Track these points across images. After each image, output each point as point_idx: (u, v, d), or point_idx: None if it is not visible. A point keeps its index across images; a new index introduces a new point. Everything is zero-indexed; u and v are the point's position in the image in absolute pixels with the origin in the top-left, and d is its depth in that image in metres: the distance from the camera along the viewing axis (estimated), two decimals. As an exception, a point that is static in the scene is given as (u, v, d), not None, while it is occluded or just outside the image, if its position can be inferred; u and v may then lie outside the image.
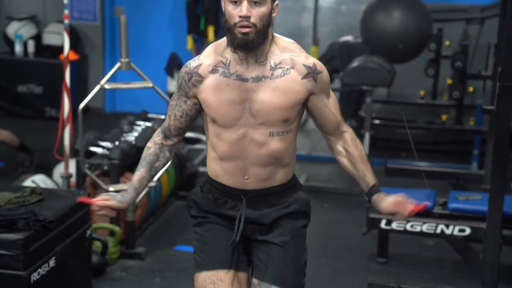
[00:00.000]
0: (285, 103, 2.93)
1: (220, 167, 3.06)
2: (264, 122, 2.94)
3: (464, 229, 5.19)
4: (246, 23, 2.81)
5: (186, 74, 2.99)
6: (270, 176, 3.04)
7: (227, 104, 2.93)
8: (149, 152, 3.15)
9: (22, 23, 9.40)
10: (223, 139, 3.00)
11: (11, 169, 7.17)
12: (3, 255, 3.72)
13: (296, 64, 2.94)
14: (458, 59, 7.70)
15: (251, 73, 2.92)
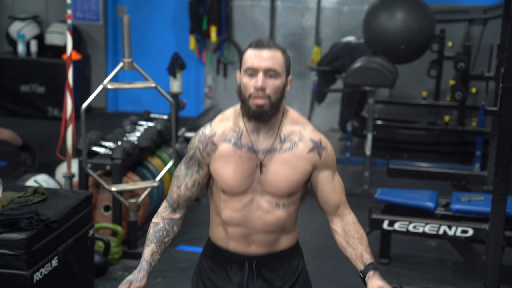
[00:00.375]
0: (292, 178, 2.95)
1: (224, 233, 3.05)
2: (271, 193, 2.96)
3: (467, 230, 5.19)
4: (261, 94, 2.83)
5: (201, 143, 2.98)
6: (274, 242, 3.05)
7: (238, 176, 2.94)
8: (158, 228, 3.09)
9: (24, 23, 9.41)
10: (230, 206, 3.00)
11: (13, 169, 7.18)
12: (6, 254, 3.71)
13: (303, 138, 2.96)
14: (460, 60, 7.70)
15: (262, 144, 2.94)
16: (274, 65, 2.83)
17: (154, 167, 6.15)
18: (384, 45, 7.50)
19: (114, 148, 5.73)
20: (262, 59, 2.83)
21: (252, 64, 2.83)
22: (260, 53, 2.83)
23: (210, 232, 3.12)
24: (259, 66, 2.82)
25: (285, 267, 3.09)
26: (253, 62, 2.83)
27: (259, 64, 2.82)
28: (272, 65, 2.83)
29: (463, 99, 7.79)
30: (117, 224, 5.63)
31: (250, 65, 2.83)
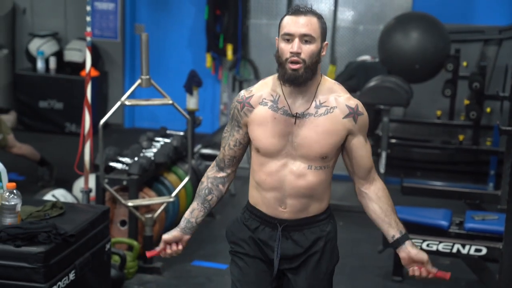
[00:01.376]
0: (325, 141, 3.03)
1: (260, 196, 3.16)
2: (304, 156, 3.04)
3: (481, 249, 5.18)
4: (296, 58, 2.93)
5: (239, 103, 3.12)
6: (306, 207, 3.13)
7: (272, 136, 3.05)
8: (202, 186, 3.26)
9: (44, 40, 9.47)
10: (264, 169, 3.10)
11: (31, 183, 7.19)
12: (24, 267, 3.73)
13: (339, 104, 3.04)
14: (475, 79, 7.69)
15: (297, 109, 3.03)
16: (309, 31, 2.94)
17: (170, 182, 6.16)
18: (399, 64, 7.50)
19: (131, 164, 5.74)
20: (298, 25, 2.93)
21: (289, 29, 2.94)
22: (296, 19, 2.94)
23: (249, 194, 3.22)
24: (295, 31, 2.93)
25: (314, 231, 3.17)
26: (289, 28, 2.94)
27: (295, 29, 2.93)
28: (308, 31, 2.93)
29: (477, 118, 7.78)
30: (133, 239, 5.64)
31: (287, 31, 2.95)
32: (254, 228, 3.19)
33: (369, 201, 3.19)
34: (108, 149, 5.97)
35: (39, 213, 4.06)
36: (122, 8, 9.53)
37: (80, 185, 5.89)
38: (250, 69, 9.35)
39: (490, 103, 8.24)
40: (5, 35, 9.69)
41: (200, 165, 6.88)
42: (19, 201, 3.95)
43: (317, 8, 8.88)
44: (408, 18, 7.84)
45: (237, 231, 3.25)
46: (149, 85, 5.56)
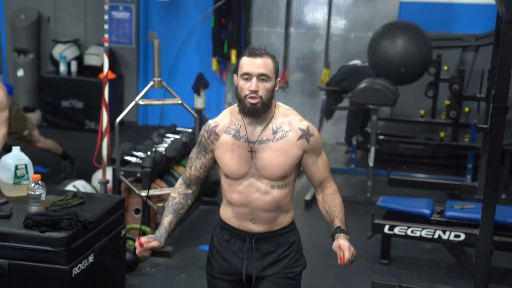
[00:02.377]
0: (283, 163, 3.11)
1: (231, 212, 3.23)
2: (266, 176, 3.13)
3: (459, 235, 5.18)
4: (254, 95, 3.01)
5: (206, 132, 3.21)
6: (273, 219, 3.20)
7: (237, 162, 3.13)
8: (175, 201, 3.36)
9: (66, 46, 9.48)
10: (233, 189, 3.18)
11: (54, 175, 7.20)
12: (48, 251, 3.73)
13: (293, 127, 3.13)
14: (455, 82, 7.70)
15: (257, 136, 3.11)
16: (265, 71, 3.02)
17: (179, 175, 6.17)
18: (387, 68, 7.50)
19: (144, 158, 5.75)
20: (255, 65, 3.02)
21: (247, 70, 3.02)
22: (253, 61, 3.02)
23: (220, 212, 3.31)
24: (252, 71, 3.02)
25: (280, 241, 3.23)
26: (248, 68, 3.02)
27: (252, 70, 3.02)
28: (264, 71, 3.02)
29: (457, 117, 7.78)
30: (146, 225, 5.65)
31: (245, 71, 3.03)
32: (225, 241, 3.26)
33: (319, 204, 3.28)
34: (124, 144, 5.98)
35: (62, 202, 4.07)
36: (136, 17, 9.53)
37: (98, 177, 5.89)
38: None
39: (468, 103, 8.23)
40: (31, 42, 9.69)
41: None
42: (44, 191, 3.95)
43: (313, 17, 8.97)
44: (394, 26, 7.83)
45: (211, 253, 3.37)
46: (161, 87, 5.57)
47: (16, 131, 6.76)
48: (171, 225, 3.31)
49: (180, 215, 3.35)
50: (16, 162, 4.21)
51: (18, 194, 4.19)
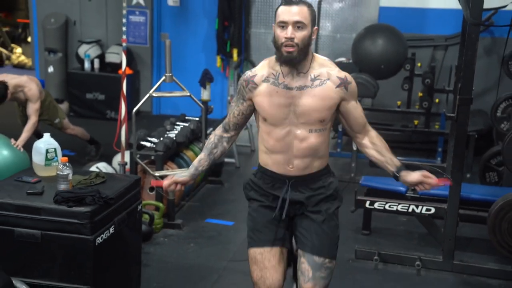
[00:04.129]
0: (322, 107, 2.94)
1: (269, 158, 3.07)
2: (305, 122, 2.95)
3: (430, 209, 5.19)
4: (290, 42, 2.83)
5: (244, 81, 3.04)
6: (309, 165, 3.04)
7: (276, 107, 2.95)
8: (210, 141, 3.22)
9: (90, 46, 9.46)
10: (272, 136, 3.01)
11: (80, 158, 7.22)
12: (75, 223, 3.75)
13: (331, 76, 2.96)
14: (427, 77, 7.70)
15: (296, 83, 2.93)
16: (301, 18, 2.83)
17: (188, 157, 6.18)
18: (368, 64, 7.49)
19: (157, 143, 5.76)
20: (291, 13, 2.83)
21: (283, 18, 2.84)
22: (289, 9, 2.84)
23: (259, 159, 3.14)
24: (288, 19, 2.83)
25: (318, 183, 3.09)
26: (284, 16, 2.84)
27: (288, 18, 2.83)
28: (299, 18, 2.83)
29: (428, 107, 7.79)
30: (159, 202, 5.66)
31: (281, 19, 2.84)
32: (267, 183, 3.11)
33: (367, 149, 3.12)
34: (140, 131, 5.99)
35: (86, 181, 4.08)
36: (150, 20, 9.50)
37: (118, 159, 5.91)
38: (251, 68, 9.31)
39: (438, 95, 8.23)
40: (59, 42, 9.67)
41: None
42: (71, 171, 3.96)
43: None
44: (375, 28, 7.82)
45: (252, 189, 3.18)
46: (172, 81, 5.57)
47: (49, 119, 6.79)
48: (201, 161, 3.20)
49: (214, 154, 3.20)
50: (47, 146, 4.23)
51: (48, 174, 4.21)
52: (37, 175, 4.22)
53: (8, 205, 3.79)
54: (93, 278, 3.80)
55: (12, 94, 6.23)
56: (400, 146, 8.25)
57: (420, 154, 8.06)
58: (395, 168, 3.09)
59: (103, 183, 4.12)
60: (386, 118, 8.52)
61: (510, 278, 4.92)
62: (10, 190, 3.96)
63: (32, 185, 4.03)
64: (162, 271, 4.86)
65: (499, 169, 6.46)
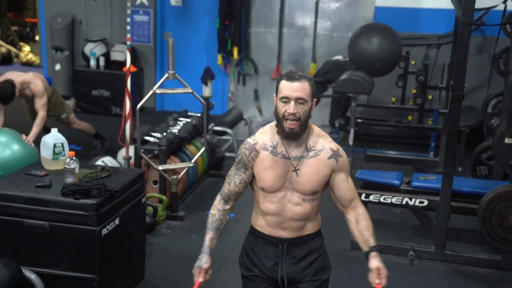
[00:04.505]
0: (314, 180, 2.91)
1: (264, 220, 3.01)
2: (299, 190, 2.92)
3: (423, 201, 5.21)
4: (293, 117, 2.80)
5: (247, 150, 2.95)
6: (302, 227, 3.00)
7: (274, 177, 2.91)
8: (215, 218, 3.09)
9: (95, 44, 9.46)
10: (267, 199, 2.96)
11: (86, 152, 7.22)
12: (82, 215, 3.77)
13: (324, 147, 2.92)
14: (420, 74, 7.71)
15: (292, 153, 2.90)
16: (303, 95, 2.80)
17: (190, 152, 6.19)
18: (364, 62, 7.50)
19: (161, 138, 5.77)
20: (293, 89, 2.80)
21: (286, 94, 2.80)
22: (291, 85, 2.80)
23: (252, 220, 3.08)
24: (291, 95, 2.80)
25: (309, 245, 3.03)
26: (286, 92, 2.80)
27: (291, 94, 2.80)
28: (301, 95, 2.80)
29: (422, 103, 7.79)
30: (162, 194, 5.68)
31: (284, 95, 2.80)
32: (260, 247, 3.05)
33: (351, 225, 3.02)
34: (143, 127, 6.00)
35: (92, 175, 4.11)
36: (154, 19, 9.50)
37: (123, 154, 5.92)
38: (251, 66, 9.32)
39: (431, 92, 8.23)
40: (66, 41, 9.67)
41: (213, 138, 6.90)
42: (77, 165, 3.99)
43: (302, 20, 8.94)
44: (370, 27, 7.82)
45: (246, 258, 3.11)
46: (174, 78, 5.59)
47: (55, 114, 6.81)
48: (212, 241, 3.06)
49: (220, 230, 3.09)
50: (54, 141, 4.25)
51: (56, 168, 4.23)
52: (45, 168, 4.24)
53: (17, 197, 3.82)
54: (99, 267, 3.84)
55: (19, 91, 6.25)
56: (394, 141, 8.27)
57: (413, 148, 8.07)
58: (367, 247, 2.99)
59: (109, 176, 4.15)
60: (381, 114, 8.53)
61: (499, 267, 4.94)
62: (19, 183, 3.98)
63: (41, 178, 4.06)
64: (166, 261, 4.88)
65: (490, 163, 6.48)
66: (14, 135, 5.84)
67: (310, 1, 8.94)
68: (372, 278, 2.93)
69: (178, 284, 4.54)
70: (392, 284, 4.63)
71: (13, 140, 5.74)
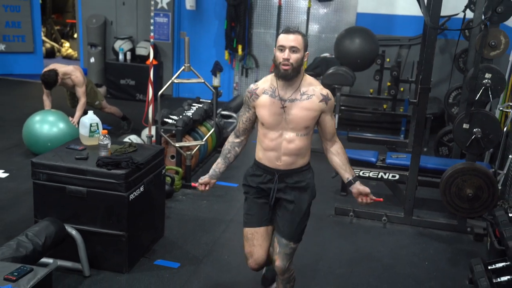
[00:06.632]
0: (307, 116, 2.98)
1: (263, 155, 3.11)
2: (293, 127, 3.00)
3: (395, 175, 5.24)
4: (286, 62, 2.88)
5: (249, 93, 3.08)
6: (294, 162, 3.08)
7: (272, 115, 3.00)
8: (225, 148, 3.25)
9: (123, 41, 9.42)
10: (267, 137, 3.05)
11: (116, 131, 7.23)
12: (113, 182, 3.79)
13: (316, 93, 2.99)
14: (394, 70, 7.70)
15: (288, 96, 2.97)
16: (296, 44, 2.88)
17: (202, 132, 6.21)
18: (347, 59, 7.48)
19: (177, 120, 5.78)
20: (288, 40, 2.89)
21: (282, 43, 2.89)
22: (287, 36, 2.89)
23: (256, 153, 3.17)
24: (286, 44, 2.88)
25: (299, 176, 3.12)
26: (282, 42, 2.89)
27: (286, 43, 2.88)
28: (295, 44, 2.88)
29: (395, 94, 7.80)
30: (178, 167, 5.70)
31: (280, 44, 2.90)
32: (259, 175, 3.15)
33: (332, 155, 3.14)
34: (163, 110, 6.01)
35: (121, 150, 4.12)
36: (172, 21, 9.45)
37: (146, 133, 5.94)
38: (252, 61, 9.30)
39: (403, 85, 8.24)
40: (99, 38, 9.63)
41: (221, 121, 6.91)
42: (109, 141, 4.00)
43: (296, 22, 8.88)
44: (353, 30, 7.79)
45: (248, 179, 3.21)
46: (189, 70, 5.58)
47: (90, 101, 6.80)
48: (218, 165, 3.25)
49: (228, 158, 3.24)
50: (91, 121, 4.26)
51: (92, 143, 4.25)
52: (83, 144, 4.25)
53: (61, 167, 3.85)
54: (127, 225, 3.87)
55: (61, 80, 6.27)
56: (371, 125, 8.29)
57: (387, 132, 8.08)
58: (351, 176, 3.12)
59: (135, 151, 4.17)
60: (361, 102, 8.53)
61: (456, 230, 4.99)
62: (62, 155, 4.01)
63: (79, 152, 4.08)
64: (181, 221, 4.91)
65: (450, 145, 6.50)
66: (60, 116, 5.98)
67: (303, 7, 8.89)
68: (360, 199, 3.09)
69: (191, 239, 4.57)
70: (368, 243, 4.70)
71: (59, 120, 5.90)
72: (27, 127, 6.06)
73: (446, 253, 4.59)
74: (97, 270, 3.93)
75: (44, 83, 6.19)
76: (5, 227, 4.51)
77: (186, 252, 4.34)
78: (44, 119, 6.01)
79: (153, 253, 4.27)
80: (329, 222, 5.08)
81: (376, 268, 4.29)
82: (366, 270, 4.26)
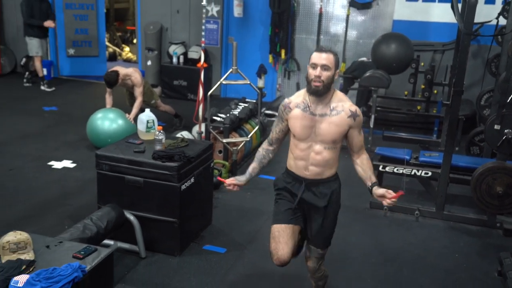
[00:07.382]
0: (335, 131, 2.95)
1: (293, 163, 3.08)
2: (322, 140, 2.97)
3: (428, 173, 5.16)
4: (318, 79, 2.84)
5: (283, 106, 3.04)
6: (321, 172, 3.04)
7: (302, 128, 2.97)
8: (259, 153, 3.23)
9: (177, 46, 9.53)
10: (298, 147, 3.03)
11: (169, 127, 7.32)
12: (166, 174, 3.85)
13: (345, 109, 2.95)
14: (428, 73, 7.55)
15: (319, 111, 2.94)
16: (327, 63, 2.84)
17: (247, 129, 6.24)
18: (383, 63, 7.39)
19: (225, 118, 5.83)
20: (321, 58, 2.85)
21: (315, 61, 2.86)
22: (320, 55, 2.86)
23: (287, 162, 3.15)
24: (318, 62, 2.85)
25: (325, 186, 3.08)
26: (315, 60, 2.86)
27: (318, 61, 2.85)
28: (326, 63, 2.84)
29: (429, 96, 7.64)
30: (225, 161, 5.75)
31: (313, 62, 2.86)
32: (288, 182, 3.12)
33: (356, 166, 3.06)
34: (212, 109, 6.06)
35: (174, 144, 4.18)
36: (221, 27, 9.52)
37: (196, 129, 6.01)
38: (294, 64, 9.27)
39: (436, 87, 8.08)
40: (156, 43, 9.76)
41: (264, 119, 6.93)
42: (164, 137, 4.07)
43: (335, 29, 8.81)
44: (389, 35, 7.68)
45: (279, 184, 3.19)
46: (236, 72, 5.62)
47: (147, 100, 6.92)
48: (254, 170, 3.22)
49: (263, 163, 3.21)
50: (147, 118, 4.34)
51: (148, 138, 4.33)
52: (140, 138, 4.34)
53: (121, 159, 3.94)
54: (179, 213, 3.93)
55: (122, 80, 6.43)
56: (405, 125, 8.16)
57: (420, 132, 7.95)
58: (371, 182, 3.02)
59: (186, 146, 4.23)
60: (396, 104, 8.41)
61: (485, 225, 4.87)
62: (122, 148, 4.10)
63: (137, 146, 4.16)
64: (227, 211, 4.95)
65: (481, 145, 6.35)
66: (119, 113, 6.11)
67: (342, 14, 8.81)
68: (384, 201, 2.93)
69: (236, 228, 4.61)
70: (400, 235, 4.64)
71: (119, 117, 6.02)
72: (90, 123, 6.23)
73: (476, 247, 4.49)
74: (152, 252, 4.02)
75: (106, 82, 6.37)
76: (73, 212, 4.66)
77: (232, 239, 4.37)
78: (105, 116, 6.17)
79: (201, 239, 4.32)
80: (365, 215, 5.03)
81: (408, 259, 4.24)
82: (399, 260, 4.22)
